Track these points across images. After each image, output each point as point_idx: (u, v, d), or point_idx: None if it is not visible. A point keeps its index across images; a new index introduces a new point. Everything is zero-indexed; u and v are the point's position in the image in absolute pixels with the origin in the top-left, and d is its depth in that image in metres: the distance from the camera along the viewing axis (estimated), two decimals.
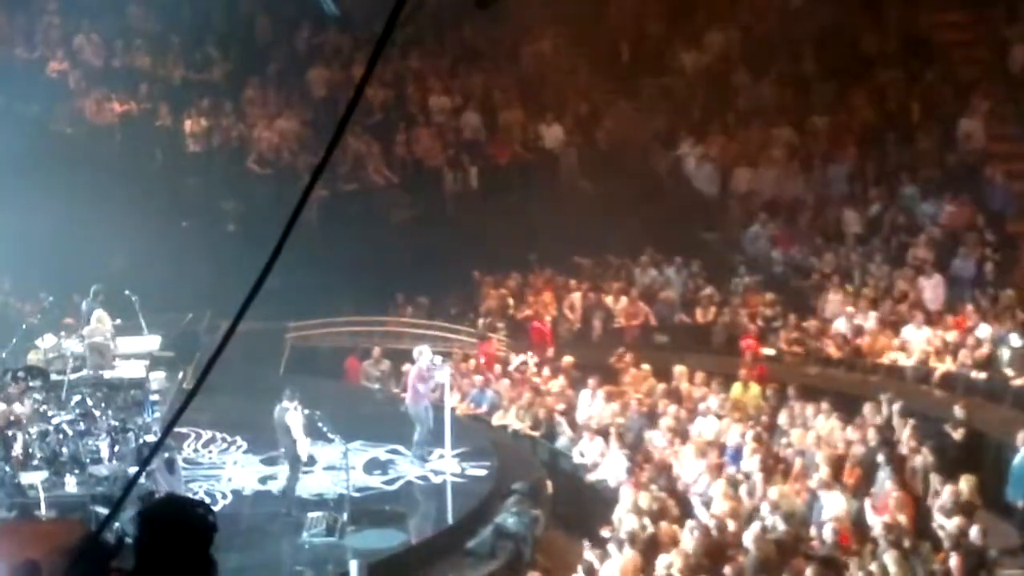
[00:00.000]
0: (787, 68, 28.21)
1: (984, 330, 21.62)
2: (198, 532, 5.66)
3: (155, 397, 19.44)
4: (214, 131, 28.55)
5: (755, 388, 21.43)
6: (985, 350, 21.27)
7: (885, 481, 17.63)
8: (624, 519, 17.81)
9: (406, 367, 21.25)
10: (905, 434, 18.74)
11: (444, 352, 23.79)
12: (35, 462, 17.58)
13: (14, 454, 17.36)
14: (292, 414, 18.24)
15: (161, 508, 5.97)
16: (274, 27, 30.33)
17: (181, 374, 20.18)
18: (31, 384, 18.21)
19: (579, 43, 30.12)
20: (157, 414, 19.26)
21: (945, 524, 16.31)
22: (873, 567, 15.75)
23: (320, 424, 18.60)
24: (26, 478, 17.33)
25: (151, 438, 18.21)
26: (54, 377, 18.48)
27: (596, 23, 29.98)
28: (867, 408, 19.75)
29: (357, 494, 18.83)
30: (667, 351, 23.97)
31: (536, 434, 22.15)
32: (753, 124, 27.28)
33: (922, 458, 18.09)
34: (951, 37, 27.76)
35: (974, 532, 16.14)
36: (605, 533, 17.97)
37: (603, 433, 20.88)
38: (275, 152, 28.06)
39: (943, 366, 21.56)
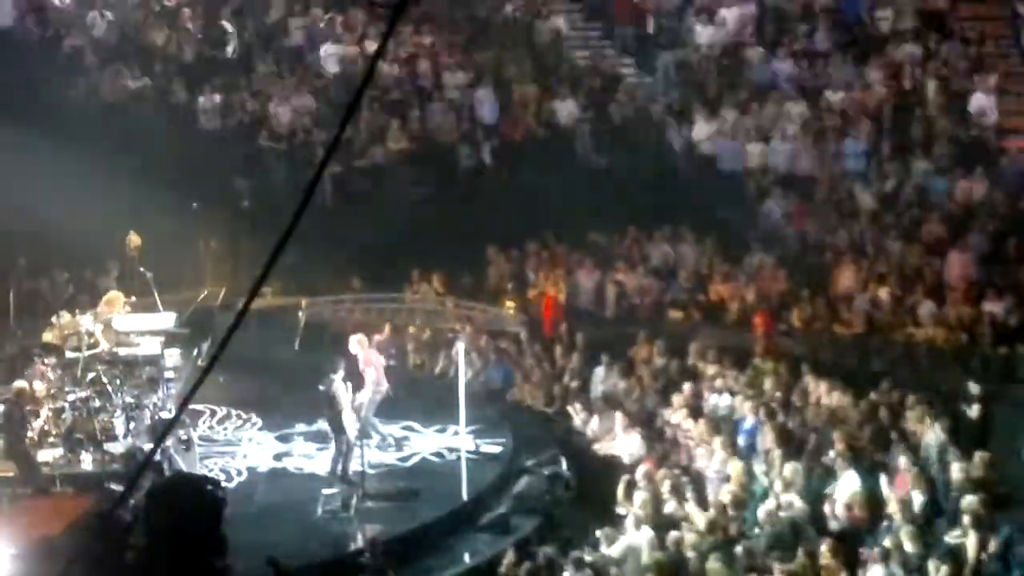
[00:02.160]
0: (802, 43, 28.12)
1: (998, 306, 21.57)
2: (207, 509, 5.68)
3: (170, 374, 19.47)
4: (228, 108, 28.54)
5: (769, 365, 21.40)
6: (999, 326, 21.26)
7: (900, 458, 17.62)
8: (638, 496, 17.83)
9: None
10: (920, 411, 18.69)
11: (458, 328, 23.84)
12: (51, 439, 17.66)
13: (31, 432, 17.44)
14: (340, 386, 18.26)
15: (170, 486, 6.01)
16: (287, 2, 30.30)
17: (196, 351, 20.20)
18: (47, 362, 18.27)
19: (593, 17, 30.06)
20: (172, 391, 19.30)
21: (960, 501, 16.29)
22: (888, 543, 15.76)
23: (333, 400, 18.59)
24: (42, 455, 17.41)
25: (166, 415, 18.27)
26: (69, 355, 18.52)
27: None
28: (882, 385, 19.72)
29: (371, 471, 18.87)
30: (681, 327, 23.94)
31: (550, 410, 22.18)
32: (767, 99, 27.19)
33: (936, 435, 18.05)
34: (966, 12, 27.67)
35: (988, 509, 16.13)
36: (620, 510, 18.00)
37: (617, 409, 20.89)
38: (289, 128, 28.04)
39: (958, 341, 21.51)
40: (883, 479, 17.33)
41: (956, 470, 17.08)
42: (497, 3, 30.22)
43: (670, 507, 17.58)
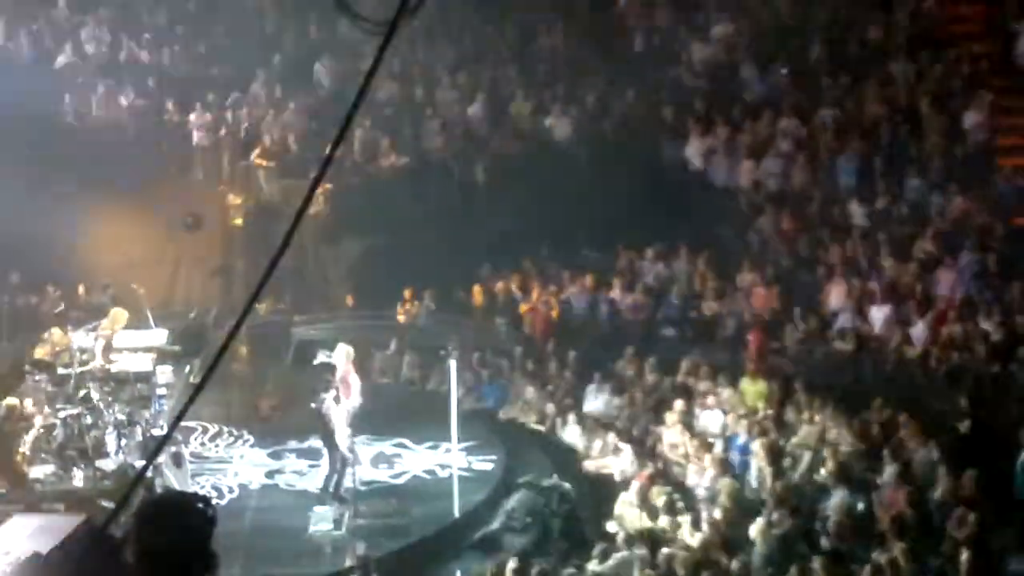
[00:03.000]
0: (795, 60, 28.15)
1: (990, 324, 21.55)
2: (197, 526, 5.65)
3: (162, 391, 19.45)
4: (220, 124, 28.55)
5: (761, 382, 21.39)
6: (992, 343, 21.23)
7: (892, 475, 17.61)
8: (630, 513, 17.83)
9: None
10: (912, 428, 18.68)
11: (451, 346, 23.83)
12: (42, 455, 17.62)
13: (23, 448, 17.39)
14: (332, 403, 18.25)
15: (159, 503, 5.96)
16: (281, 19, 30.33)
17: (188, 368, 20.18)
18: (38, 378, 18.23)
19: (587, 34, 30.09)
20: (164, 408, 19.28)
21: (952, 518, 16.28)
22: (880, 560, 15.74)
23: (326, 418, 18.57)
24: (33, 472, 17.36)
25: (158, 432, 18.23)
26: (61, 371, 18.48)
27: (604, 14, 29.98)
28: (874, 402, 19.70)
29: (363, 488, 18.85)
30: (673, 344, 23.92)
31: (542, 427, 22.16)
32: (760, 116, 27.21)
33: (928, 453, 18.05)
34: (960, 29, 27.71)
35: (982, 526, 16.12)
36: (612, 527, 18.00)
37: (609, 427, 20.87)
38: (282, 145, 28.04)
39: (950, 359, 21.48)
40: (875, 496, 17.33)
41: (948, 488, 17.06)
42: (491, 19, 30.25)
43: (662, 524, 17.56)
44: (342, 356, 19.23)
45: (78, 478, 17.55)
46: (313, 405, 18.32)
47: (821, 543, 16.70)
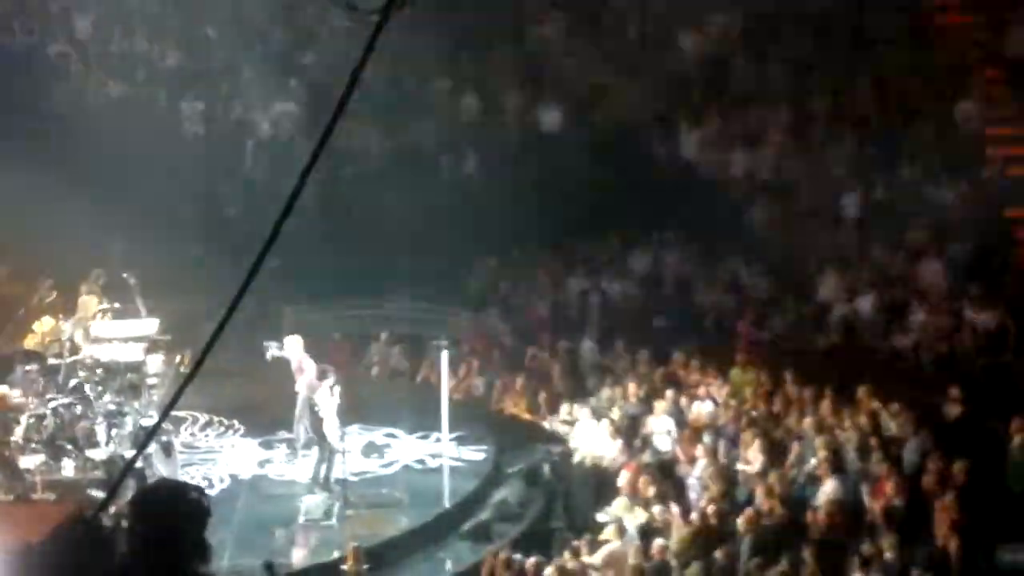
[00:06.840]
0: (787, 50, 28.11)
1: (980, 315, 21.57)
2: (192, 516, 5.66)
3: (152, 381, 19.43)
4: (211, 114, 28.50)
5: (751, 372, 21.39)
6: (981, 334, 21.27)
7: (882, 465, 17.63)
8: (621, 503, 17.85)
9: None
10: (902, 419, 18.71)
11: (442, 336, 23.82)
12: (32, 445, 17.60)
13: (13, 438, 17.37)
14: (324, 394, 18.25)
15: (154, 492, 5.97)
16: (271, 9, 30.25)
17: (178, 357, 20.16)
18: (28, 368, 18.21)
19: (579, 25, 30.04)
20: (154, 398, 19.26)
21: (942, 508, 16.31)
22: (870, 551, 15.77)
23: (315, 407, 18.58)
24: (24, 461, 17.35)
25: (148, 422, 18.22)
26: (51, 361, 18.46)
27: (597, 5, 29.93)
28: (861, 392, 19.69)
29: (354, 478, 18.86)
30: (664, 335, 23.91)
31: (533, 418, 22.15)
32: (752, 106, 27.19)
33: (917, 442, 18.07)
34: (952, 20, 27.70)
35: (972, 516, 16.14)
36: (602, 517, 18.00)
37: (600, 417, 20.87)
38: (272, 135, 27.98)
39: (940, 349, 21.52)
40: (865, 487, 17.36)
41: (938, 478, 17.08)
42: (483, 9, 30.18)
43: (653, 514, 17.57)
44: (295, 347, 19.14)
45: (68, 468, 17.52)
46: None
47: (811, 533, 16.71)
